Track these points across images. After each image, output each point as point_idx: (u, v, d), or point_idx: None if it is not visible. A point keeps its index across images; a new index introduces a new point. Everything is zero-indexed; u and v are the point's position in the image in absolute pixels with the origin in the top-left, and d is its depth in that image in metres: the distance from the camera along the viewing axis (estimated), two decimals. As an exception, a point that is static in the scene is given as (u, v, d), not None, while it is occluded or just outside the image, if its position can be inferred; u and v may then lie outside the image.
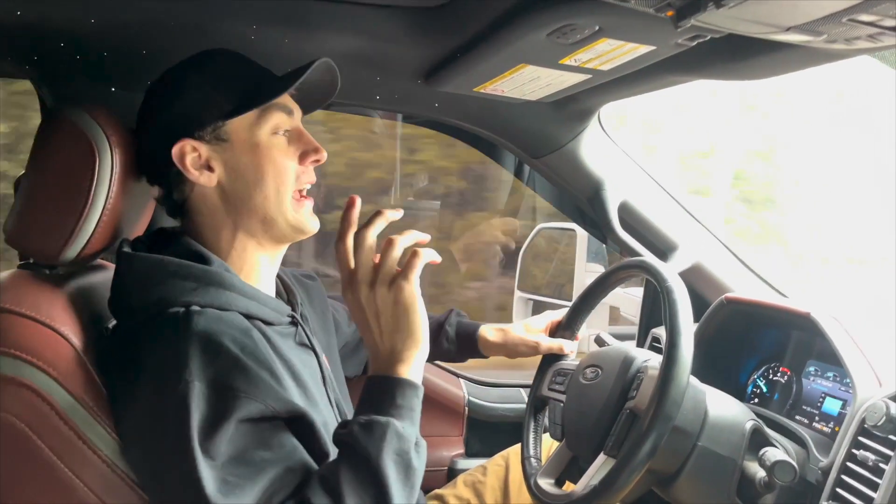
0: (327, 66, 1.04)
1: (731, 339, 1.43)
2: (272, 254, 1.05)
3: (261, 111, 0.99)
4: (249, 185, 0.99)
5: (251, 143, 0.99)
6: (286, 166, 1.01)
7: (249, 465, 0.81)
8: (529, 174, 1.94)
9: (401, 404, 0.87)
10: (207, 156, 0.99)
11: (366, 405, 0.88)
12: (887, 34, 0.79)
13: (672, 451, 1.05)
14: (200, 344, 0.84)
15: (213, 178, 0.99)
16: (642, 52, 1.03)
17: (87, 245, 0.95)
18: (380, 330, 0.90)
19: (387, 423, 0.84)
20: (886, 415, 0.99)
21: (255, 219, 1.00)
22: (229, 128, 0.99)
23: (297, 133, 1.04)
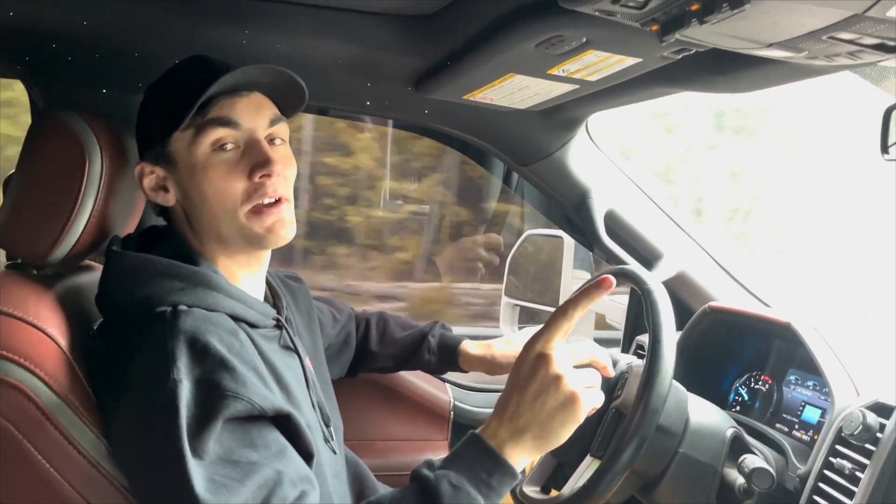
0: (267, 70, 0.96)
1: (714, 347, 1.44)
2: (246, 263, 1.03)
3: (197, 129, 0.94)
4: (197, 206, 0.97)
5: (191, 163, 0.95)
6: (228, 187, 0.94)
7: (237, 467, 0.80)
8: (518, 181, 1.95)
9: (494, 487, 0.84)
10: (163, 177, 0.99)
11: (463, 462, 0.85)
12: (866, 51, 0.81)
13: (656, 451, 1.06)
14: (188, 343, 0.84)
15: (170, 199, 0.99)
16: (628, 64, 1.05)
17: (75, 246, 0.96)
18: (530, 410, 0.85)
19: (474, 499, 0.82)
20: (863, 424, 1.00)
21: (212, 236, 0.99)
22: (172, 148, 0.96)
23: (250, 145, 0.96)
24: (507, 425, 0.86)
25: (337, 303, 1.46)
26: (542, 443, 0.86)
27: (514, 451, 0.85)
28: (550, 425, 0.85)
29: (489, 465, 0.84)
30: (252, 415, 0.83)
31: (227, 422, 0.81)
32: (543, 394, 0.85)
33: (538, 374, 0.85)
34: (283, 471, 0.82)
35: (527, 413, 0.85)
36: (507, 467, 0.84)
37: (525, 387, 0.86)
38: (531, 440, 0.86)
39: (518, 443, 0.85)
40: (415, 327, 1.46)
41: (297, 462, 0.87)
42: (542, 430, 0.85)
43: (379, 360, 1.45)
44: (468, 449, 0.86)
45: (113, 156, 0.97)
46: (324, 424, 1.05)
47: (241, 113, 0.96)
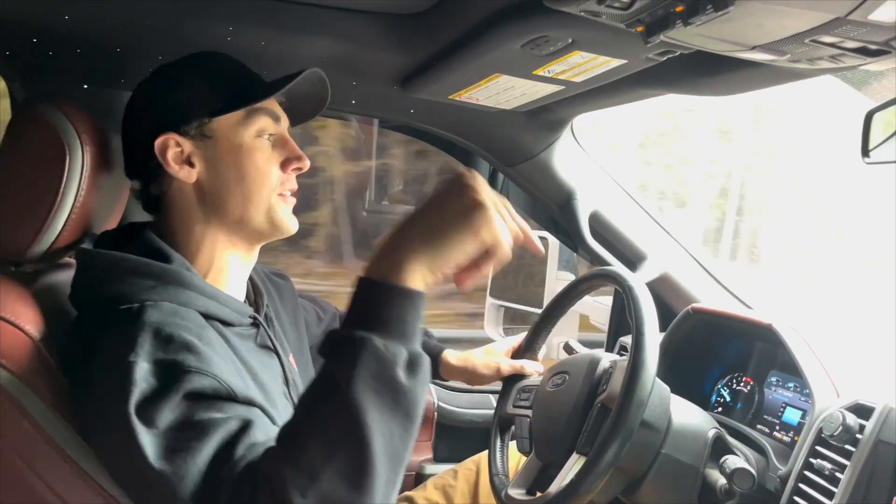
0: (318, 77, 1.05)
1: (696, 348, 1.45)
2: (244, 254, 1.04)
3: (247, 113, 1.00)
4: (230, 184, 0.99)
5: (235, 142, 1.00)
6: (268, 170, 1.01)
7: (196, 428, 0.76)
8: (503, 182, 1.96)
9: (386, 317, 0.71)
10: (190, 151, 0.99)
11: (347, 314, 0.74)
12: (848, 55, 0.81)
13: (641, 448, 1.06)
14: (152, 333, 0.82)
15: (193, 174, 0.99)
16: (614, 66, 1.05)
17: (55, 242, 0.95)
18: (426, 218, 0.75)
19: (361, 343, 0.70)
20: (842, 425, 1.01)
21: (231, 217, 1.00)
22: (214, 125, 0.99)
23: (282, 139, 1.04)
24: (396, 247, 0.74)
25: (321, 301, 1.45)
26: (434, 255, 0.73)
27: (400, 272, 0.73)
28: (446, 232, 0.73)
29: (371, 296, 0.73)
30: (219, 393, 0.79)
31: (188, 395, 0.78)
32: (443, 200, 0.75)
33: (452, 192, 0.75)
34: (252, 420, 0.77)
35: (420, 224, 0.75)
36: (392, 288, 0.72)
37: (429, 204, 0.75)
38: (422, 253, 0.73)
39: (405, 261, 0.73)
40: None
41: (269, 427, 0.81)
42: (435, 238, 0.73)
43: None
44: (352, 296, 0.75)
45: (94, 150, 0.96)
46: None
47: (280, 111, 1.05)
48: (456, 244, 0.73)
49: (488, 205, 0.74)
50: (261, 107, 1.01)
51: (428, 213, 0.75)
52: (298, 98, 1.06)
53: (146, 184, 1.02)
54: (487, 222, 0.74)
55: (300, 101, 1.08)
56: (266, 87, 1.02)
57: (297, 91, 1.03)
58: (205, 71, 1.02)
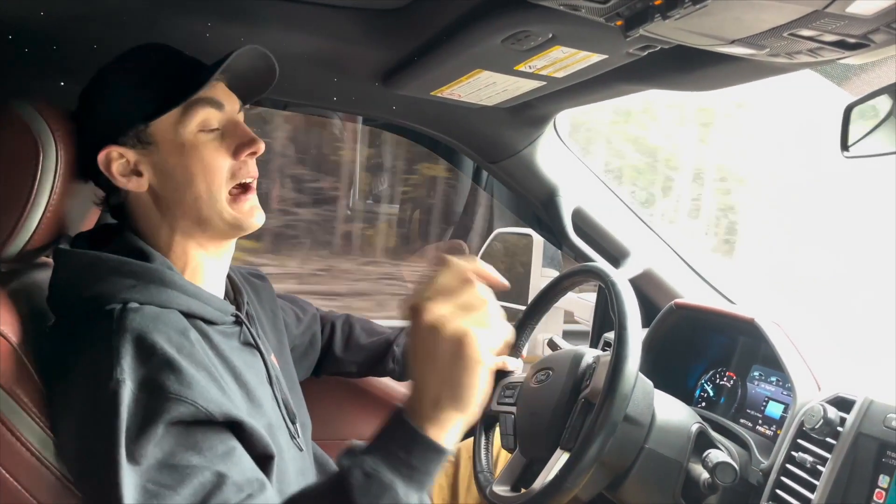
0: (257, 52, 0.98)
1: (680, 343, 1.46)
2: (215, 252, 1.02)
3: (184, 108, 0.95)
4: (179, 187, 0.96)
5: (176, 143, 0.95)
6: (216, 165, 0.96)
7: (174, 472, 0.77)
8: (487, 179, 1.95)
9: (416, 466, 0.75)
10: (135, 160, 0.96)
11: (381, 446, 0.77)
12: (827, 49, 0.82)
13: (624, 442, 1.06)
14: (134, 343, 0.82)
15: (143, 183, 0.97)
16: (595, 61, 1.05)
17: (29, 241, 0.93)
18: (431, 373, 0.75)
19: (388, 486, 0.74)
20: (823, 418, 1.02)
21: (190, 220, 0.97)
22: (153, 130, 0.95)
23: (231, 126, 0.98)
24: (419, 398, 0.76)
25: (301, 301, 1.44)
26: (459, 402, 0.75)
27: (434, 426, 0.75)
28: (455, 378, 0.74)
29: (408, 443, 0.75)
30: (198, 419, 0.81)
31: (169, 426, 0.79)
32: (432, 350, 0.74)
33: (418, 332, 0.74)
34: (226, 473, 0.79)
35: (429, 376, 0.75)
36: (427, 443, 0.75)
37: (415, 352, 0.76)
38: (449, 403, 0.75)
39: (436, 412, 0.75)
40: (381, 334, 1.45)
41: (245, 465, 0.83)
42: (451, 387, 0.74)
43: (343, 366, 1.44)
44: (388, 428, 0.78)
45: (70, 148, 0.95)
46: (289, 421, 1.04)
47: (222, 95, 0.99)
48: (471, 380, 0.74)
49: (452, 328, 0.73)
50: (198, 98, 0.95)
51: (426, 363, 0.75)
52: (245, 76, 1.00)
53: (106, 194, 1.00)
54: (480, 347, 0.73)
55: (247, 78, 1.01)
56: (196, 78, 0.95)
57: (240, 69, 0.97)
58: (136, 72, 0.97)
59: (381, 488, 0.73)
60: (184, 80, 0.95)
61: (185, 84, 0.94)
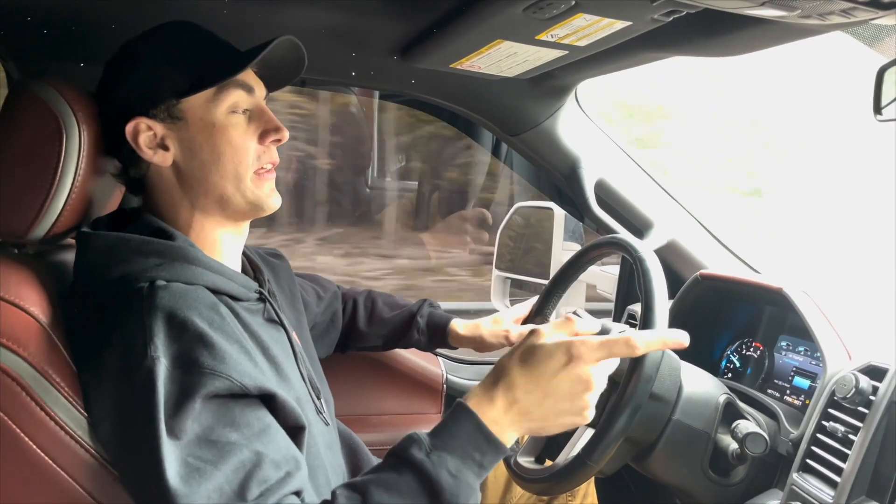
0: (291, 43, 1.01)
1: (705, 314, 1.44)
2: (234, 230, 1.03)
3: (217, 89, 0.96)
4: (205, 165, 0.97)
5: (207, 121, 0.97)
6: (244, 146, 0.98)
7: (214, 448, 0.78)
8: (507, 152, 1.94)
9: (485, 467, 0.82)
10: (162, 134, 0.97)
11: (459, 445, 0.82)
12: (860, 9, 0.79)
13: (650, 419, 1.06)
14: (165, 319, 0.82)
15: (168, 157, 0.97)
16: (618, 28, 1.02)
17: (55, 223, 0.93)
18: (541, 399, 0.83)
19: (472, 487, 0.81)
20: (855, 387, 1.01)
21: (212, 198, 0.98)
22: (184, 106, 0.96)
23: (258, 111, 1.01)
24: (512, 410, 0.84)
25: (321, 280, 1.44)
26: (542, 429, 0.86)
27: (510, 433, 0.84)
28: (555, 413, 0.84)
29: (483, 446, 0.82)
30: (233, 392, 0.82)
31: (206, 400, 0.80)
32: (552, 377, 0.83)
33: (571, 374, 0.83)
34: (263, 452, 0.80)
35: (538, 406, 0.84)
36: (499, 448, 0.83)
37: (538, 370, 0.84)
38: (533, 423, 0.84)
39: (518, 428, 0.84)
40: (403, 305, 1.45)
41: (281, 441, 0.84)
42: (542, 419, 0.84)
43: (368, 340, 1.45)
44: (462, 428, 0.83)
45: (92, 129, 0.95)
46: (315, 397, 1.04)
47: (252, 80, 1.01)
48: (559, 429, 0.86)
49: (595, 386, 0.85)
50: (231, 80, 0.97)
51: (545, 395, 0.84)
52: (273, 65, 1.02)
53: (125, 167, 1.00)
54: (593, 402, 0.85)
55: (275, 67, 1.03)
56: (235, 60, 0.98)
57: (270, 58, 0.99)
58: (169, 47, 0.98)
59: (468, 490, 0.80)
60: (218, 62, 0.97)
61: (220, 65, 0.96)
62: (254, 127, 0.99)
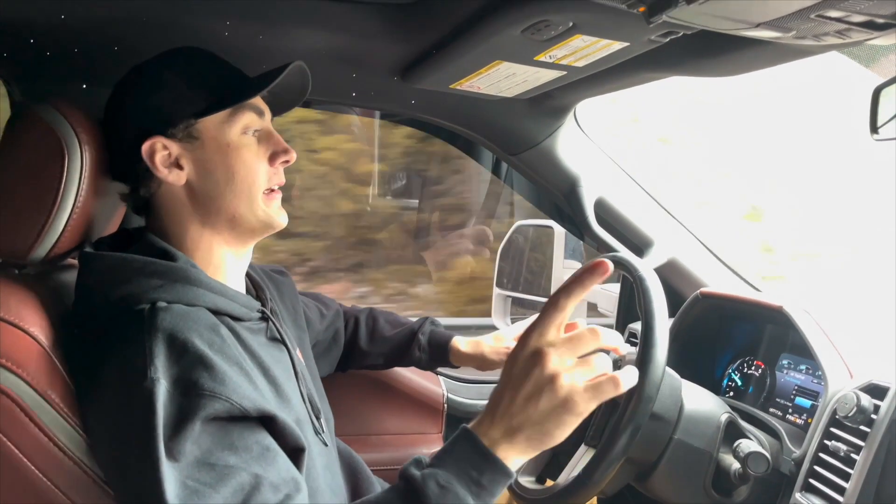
0: (300, 69, 1.04)
1: (706, 333, 1.44)
2: (239, 250, 1.04)
3: (232, 111, 0.99)
4: (220, 184, 0.99)
5: (222, 142, 0.99)
6: (256, 166, 1.01)
7: (213, 471, 0.78)
8: (507, 171, 1.94)
9: (485, 486, 0.79)
10: (178, 154, 0.98)
11: (453, 460, 0.81)
12: (855, 30, 0.80)
13: (651, 438, 1.05)
14: (166, 341, 0.83)
15: (183, 176, 0.98)
16: (616, 49, 1.04)
17: (56, 244, 0.94)
18: (523, 410, 0.80)
19: (463, 499, 0.78)
20: (857, 406, 1.00)
21: (223, 216, 1.00)
22: (200, 126, 0.98)
23: (267, 133, 1.03)
24: (499, 424, 0.81)
25: (324, 298, 1.44)
26: (536, 443, 0.81)
27: (507, 451, 0.81)
28: (545, 426, 0.80)
29: (480, 463, 0.80)
30: (233, 415, 0.81)
31: (205, 422, 0.80)
32: (537, 394, 0.79)
33: (532, 373, 0.80)
34: (262, 475, 0.80)
35: (520, 413, 0.80)
36: (499, 466, 0.80)
37: (518, 386, 0.80)
38: (525, 440, 0.81)
39: (512, 442, 0.81)
40: (404, 324, 1.45)
41: (280, 464, 0.84)
42: (537, 431, 0.80)
43: (369, 358, 1.45)
44: (459, 446, 0.82)
45: (94, 151, 0.95)
46: (314, 417, 1.04)
47: (263, 105, 1.04)
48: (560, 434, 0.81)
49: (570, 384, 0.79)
50: (245, 103, 1.00)
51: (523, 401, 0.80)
52: (281, 90, 1.05)
53: (135, 187, 1.01)
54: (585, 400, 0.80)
55: (282, 93, 1.06)
56: (250, 83, 1.01)
57: (279, 84, 1.01)
58: (185, 70, 1.00)
59: (455, 501, 0.78)
60: (233, 85, 1.01)
61: (237, 88, 1.00)
62: (264, 148, 1.02)
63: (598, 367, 0.81)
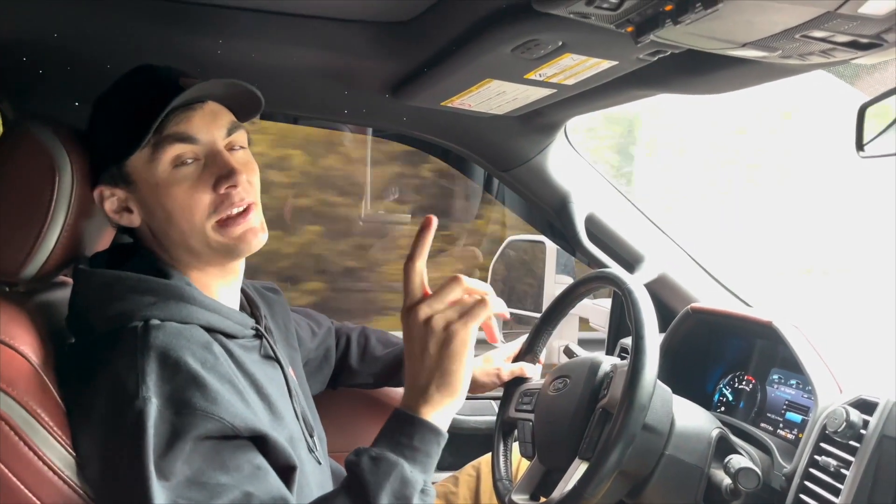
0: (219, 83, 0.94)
1: (697, 348, 1.44)
2: (220, 274, 1.02)
3: (153, 147, 0.92)
4: (163, 223, 0.95)
5: (151, 182, 0.93)
6: (193, 201, 0.93)
7: (204, 490, 0.78)
8: (498, 187, 1.95)
9: (417, 447, 0.84)
10: (124, 198, 0.97)
11: (384, 437, 0.86)
12: (839, 49, 0.81)
13: (644, 451, 1.05)
14: (158, 359, 0.82)
15: (135, 219, 0.97)
16: (605, 67, 1.05)
17: (47, 262, 0.94)
18: (422, 365, 0.85)
19: (395, 463, 0.82)
20: (846, 421, 1.01)
21: (182, 249, 0.97)
22: (129, 169, 0.94)
23: (211, 157, 0.94)
24: (412, 391, 0.86)
25: (316, 315, 1.44)
26: (447, 388, 0.85)
27: (427, 408, 0.85)
28: (444, 366, 0.84)
29: (406, 427, 0.85)
30: (224, 434, 0.81)
31: (197, 441, 0.80)
32: (423, 343, 0.84)
33: (413, 331, 0.85)
34: (253, 493, 0.80)
35: (421, 370, 0.85)
36: (424, 424, 0.85)
37: (412, 350, 0.86)
38: (437, 390, 0.85)
39: (427, 399, 0.85)
40: (396, 343, 1.45)
41: (272, 482, 0.84)
42: (440, 375, 0.84)
43: (359, 377, 1.44)
44: (387, 425, 0.87)
45: (84, 168, 0.96)
46: (307, 434, 1.04)
47: (197, 126, 0.94)
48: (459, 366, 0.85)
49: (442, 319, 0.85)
50: (167, 134, 0.92)
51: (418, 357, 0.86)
52: (231, 98, 0.98)
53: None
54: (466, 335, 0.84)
55: (235, 99, 0.99)
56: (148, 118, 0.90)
57: (218, 95, 0.96)
58: (115, 106, 0.96)
59: (388, 466, 0.82)
60: (153, 115, 0.90)
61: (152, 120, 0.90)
62: (206, 175, 0.94)
63: (466, 300, 0.86)
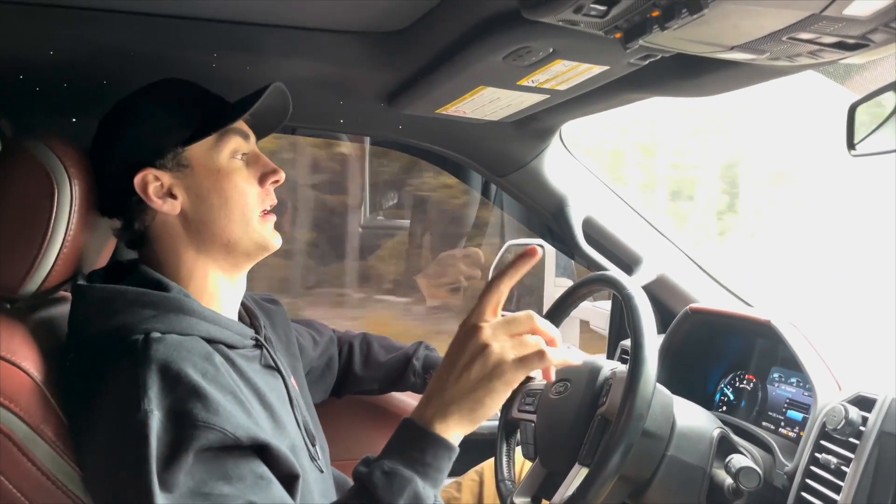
0: (280, 90, 1.05)
1: (697, 348, 1.45)
2: (233, 277, 1.05)
3: (219, 136, 1.00)
4: (214, 210, 1.00)
5: (212, 168, 1.00)
6: (247, 189, 1.02)
7: (207, 501, 0.79)
8: (496, 192, 1.96)
9: (430, 463, 0.82)
10: (170, 183, 0.99)
11: (396, 449, 0.84)
12: (827, 50, 0.82)
13: (644, 456, 1.06)
14: (159, 372, 0.83)
15: (177, 206, 0.99)
16: (596, 72, 1.06)
17: (47, 278, 0.94)
18: (456, 381, 0.83)
19: (409, 479, 0.80)
20: (845, 418, 1.01)
21: (219, 242, 1.00)
22: (189, 153, 1.00)
23: (255, 156, 1.05)
24: (434, 402, 0.84)
25: (317, 325, 1.45)
26: (470, 412, 0.83)
27: (444, 425, 0.83)
28: (477, 394, 0.82)
29: (419, 442, 0.82)
30: (226, 444, 0.82)
31: (199, 453, 0.80)
32: (469, 364, 0.82)
33: (467, 346, 0.83)
34: (256, 502, 0.81)
35: (453, 386, 0.83)
36: (439, 440, 0.82)
37: (455, 360, 0.84)
38: (459, 411, 0.83)
39: (446, 416, 0.83)
40: (399, 349, 1.46)
41: (275, 491, 0.85)
42: (469, 400, 0.82)
43: (363, 384, 1.45)
44: (399, 435, 0.85)
45: (84, 184, 0.96)
46: (309, 443, 1.04)
47: (247, 129, 1.06)
48: (491, 402, 0.83)
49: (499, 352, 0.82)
50: (230, 128, 1.01)
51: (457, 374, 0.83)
52: (263, 113, 1.06)
53: (128, 221, 1.01)
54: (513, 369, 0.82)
55: (264, 115, 1.08)
56: (234, 107, 1.03)
57: (260, 107, 1.02)
58: (167, 100, 1.02)
59: (402, 482, 0.80)
60: (216, 110, 1.02)
61: (219, 113, 1.01)
62: (252, 171, 1.04)
63: (528, 343, 0.84)
